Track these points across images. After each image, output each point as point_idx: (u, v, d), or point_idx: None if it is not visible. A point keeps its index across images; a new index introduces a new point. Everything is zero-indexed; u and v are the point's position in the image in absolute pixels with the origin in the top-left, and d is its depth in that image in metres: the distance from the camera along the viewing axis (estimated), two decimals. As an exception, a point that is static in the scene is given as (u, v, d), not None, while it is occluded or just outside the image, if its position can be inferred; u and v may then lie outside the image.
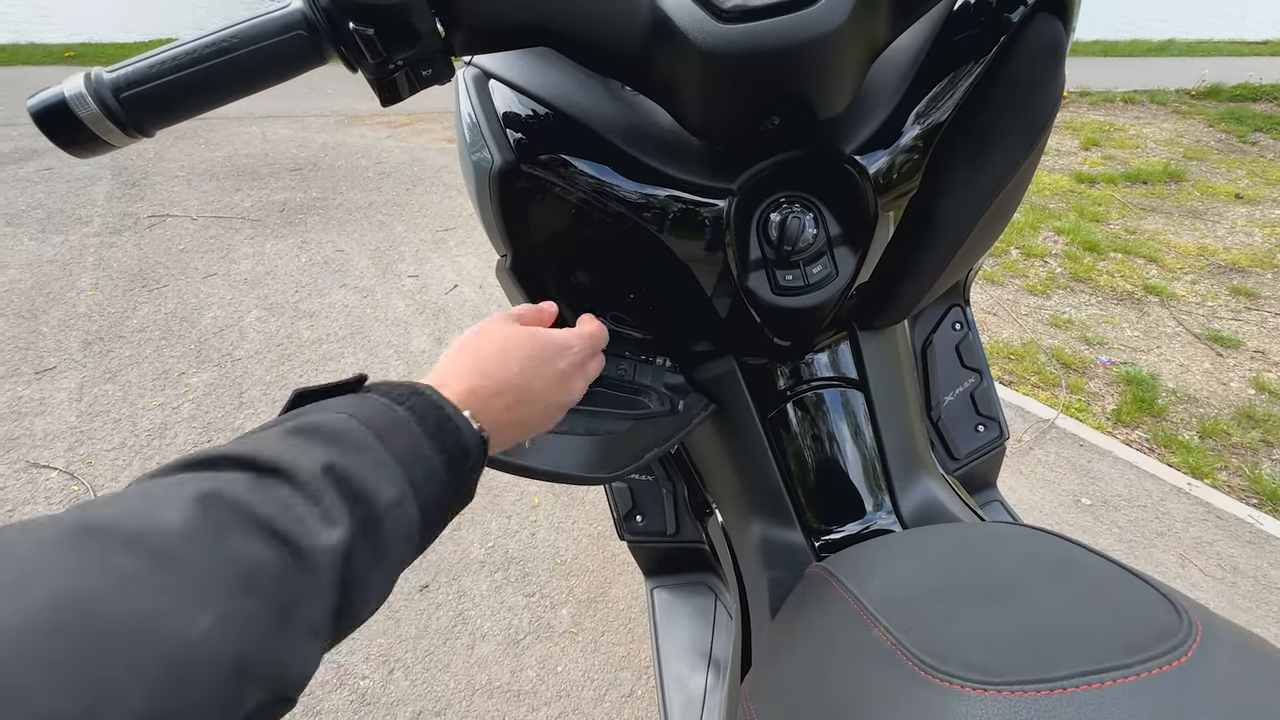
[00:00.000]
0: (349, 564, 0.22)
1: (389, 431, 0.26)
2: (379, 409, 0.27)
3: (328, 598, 0.21)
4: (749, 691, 0.39)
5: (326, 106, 4.51)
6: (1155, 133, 4.25)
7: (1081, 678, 0.23)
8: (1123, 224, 2.93)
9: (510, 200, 0.48)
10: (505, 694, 1.08)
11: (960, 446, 0.76)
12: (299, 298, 2.24)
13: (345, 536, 0.22)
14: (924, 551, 0.38)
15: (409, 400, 0.29)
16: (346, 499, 0.23)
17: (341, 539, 0.22)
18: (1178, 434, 1.69)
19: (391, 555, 0.25)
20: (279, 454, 0.22)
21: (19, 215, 2.75)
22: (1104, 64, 6.44)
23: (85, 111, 0.32)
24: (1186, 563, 1.33)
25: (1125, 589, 0.28)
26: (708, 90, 0.38)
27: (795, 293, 0.47)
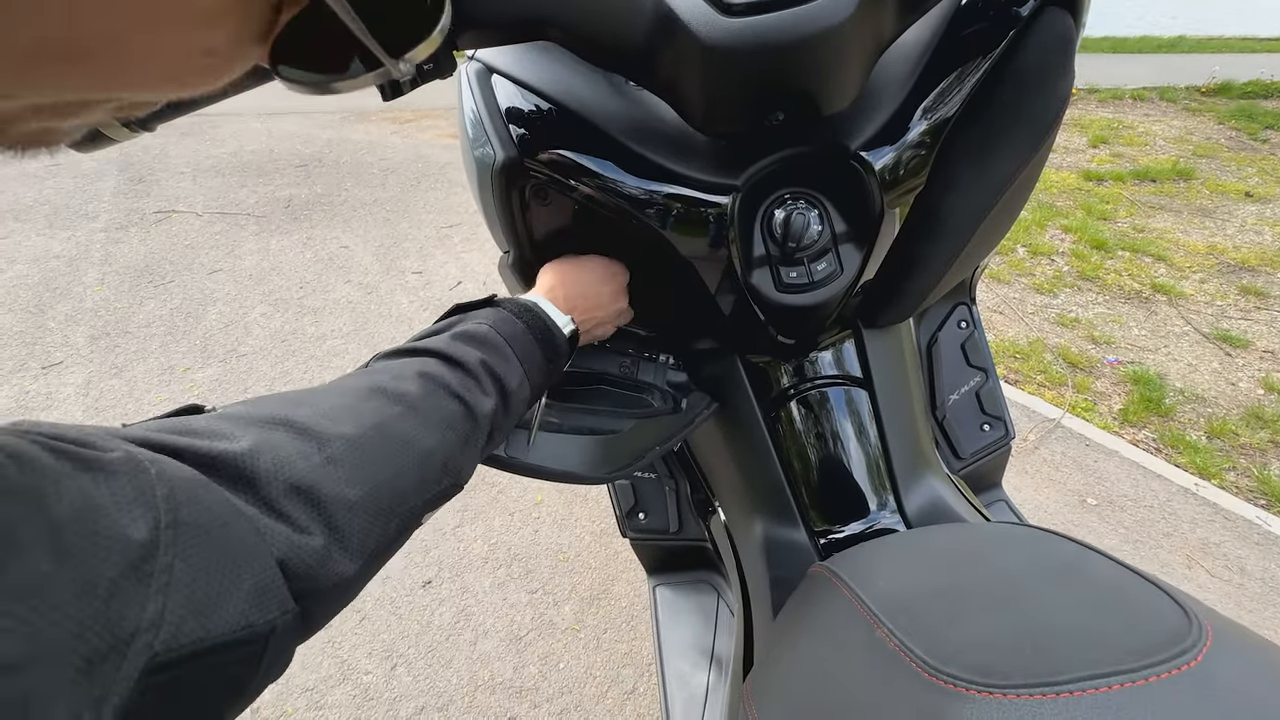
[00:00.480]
0: (494, 419, 0.37)
1: (514, 339, 0.40)
2: (507, 321, 0.41)
3: (483, 436, 0.37)
4: (750, 690, 0.39)
5: (331, 102, 4.52)
6: (1164, 130, 4.21)
7: (1088, 681, 0.22)
8: (1131, 222, 2.90)
9: (513, 196, 0.48)
10: (508, 690, 1.08)
11: (965, 446, 0.75)
12: (303, 294, 2.25)
13: (494, 404, 0.37)
14: (928, 552, 0.37)
15: (525, 316, 0.43)
16: (494, 382, 0.38)
17: (492, 406, 0.37)
18: (1185, 434, 1.68)
19: (512, 416, 0.40)
20: (456, 351, 0.37)
21: (27, 210, 2.76)
22: (1113, 60, 6.38)
23: None
24: (1193, 564, 1.32)
25: (1133, 592, 0.27)
26: (711, 85, 0.38)
27: (799, 290, 0.47)
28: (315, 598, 0.25)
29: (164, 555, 0.20)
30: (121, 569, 0.19)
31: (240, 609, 0.22)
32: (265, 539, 0.24)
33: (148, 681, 0.19)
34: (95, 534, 0.19)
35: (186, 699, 0.20)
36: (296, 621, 0.25)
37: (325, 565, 0.26)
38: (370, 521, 0.28)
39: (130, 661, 0.19)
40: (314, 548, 0.25)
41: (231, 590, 0.22)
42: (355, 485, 0.28)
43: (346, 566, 0.27)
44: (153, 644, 0.19)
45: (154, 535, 0.20)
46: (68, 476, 0.19)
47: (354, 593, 0.29)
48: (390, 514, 0.30)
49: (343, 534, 0.27)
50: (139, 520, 0.20)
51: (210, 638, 0.21)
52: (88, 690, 0.18)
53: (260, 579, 0.23)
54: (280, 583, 0.24)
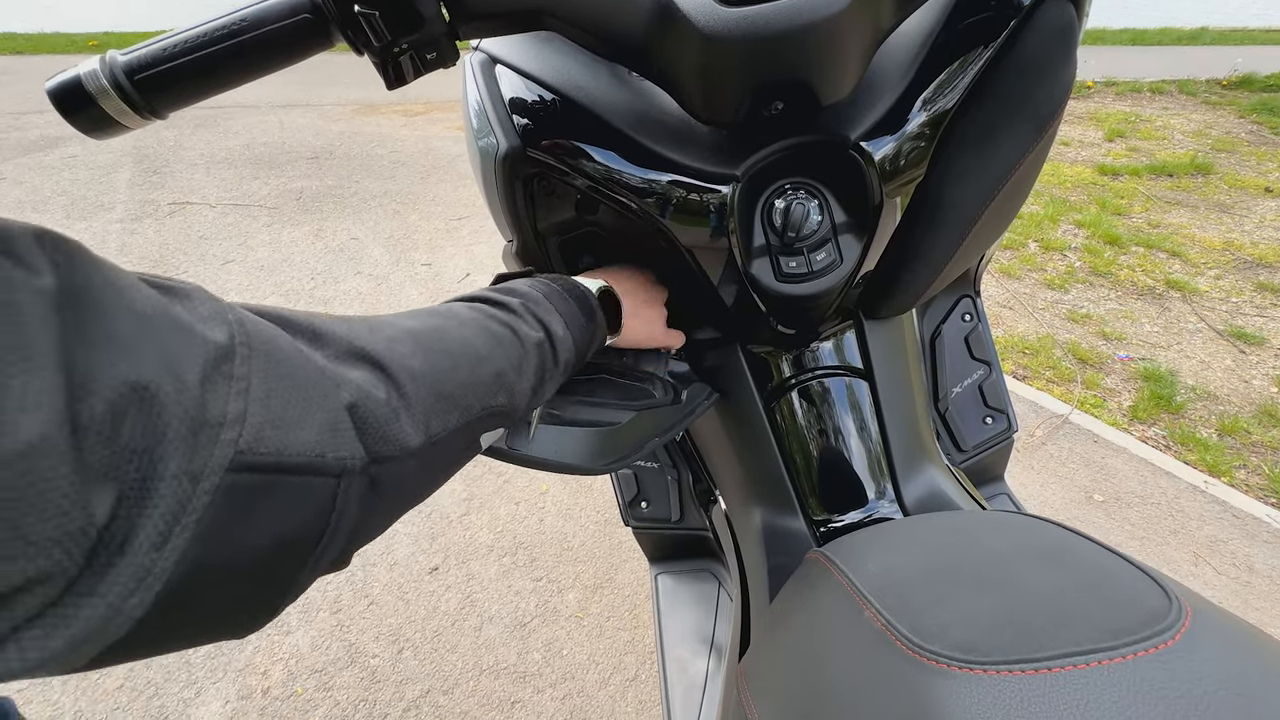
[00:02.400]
0: (542, 354, 0.38)
1: (551, 295, 0.42)
2: (544, 284, 0.43)
3: (532, 368, 0.37)
4: (744, 672, 0.39)
5: (343, 95, 4.54)
6: (1183, 124, 4.14)
7: (1068, 658, 0.23)
8: (1146, 217, 2.86)
9: (516, 185, 0.49)
10: (511, 675, 1.10)
11: (968, 438, 0.75)
12: (314, 285, 2.27)
13: (539, 338, 0.38)
14: (920, 537, 0.38)
15: (560, 281, 0.44)
16: (538, 322, 0.39)
17: (539, 338, 0.38)
18: (1196, 431, 1.66)
19: (561, 365, 0.40)
20: (499, 297, 0.39)
21: (45, 202, 2.81)
22: (1132, 53, 6.27)
23: (100, 93, 0.32)
24: (1200, 561, 1.32)
25: (1118, 574, 0.28)
26: (710, 75, 0.38)
27: (799, 280, 0.47)
28: (382, 462, 0.25)
29: (240, 365, 0.20)
30: (205, 361, 0.19)
31: (313, 436, 0.22)
32: (334, 383, 0.24)
33: (233, 479, 0.19)
34: (178, 327, 0.19)
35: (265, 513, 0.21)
36: (366, 479, 0.25)
37: (391, 423, 0.26)
38: (431, 397, 0.28)
39: (220, 449, 0.19)
40: (380, 400, 0.26)
41: (304, 417, 0.22)
42: (417, 359, 0.29)
43: (411, 433, 0.27)
44: (237, 440, 0.19)
45: (230, 345, 0.21)
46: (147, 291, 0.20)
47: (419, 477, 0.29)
48: (451, 403, 0.30)
49: (407, 397, 0.27)
50: (216, 330, 0.21)
51: (288, 453, 0.21)
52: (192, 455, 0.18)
53: (330, 416, 0.23)
54: (349, 426, 0.24)
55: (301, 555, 0.23)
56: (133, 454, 0.17)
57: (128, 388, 0.17)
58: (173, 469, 0.18)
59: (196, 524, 0.18)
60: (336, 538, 0.24)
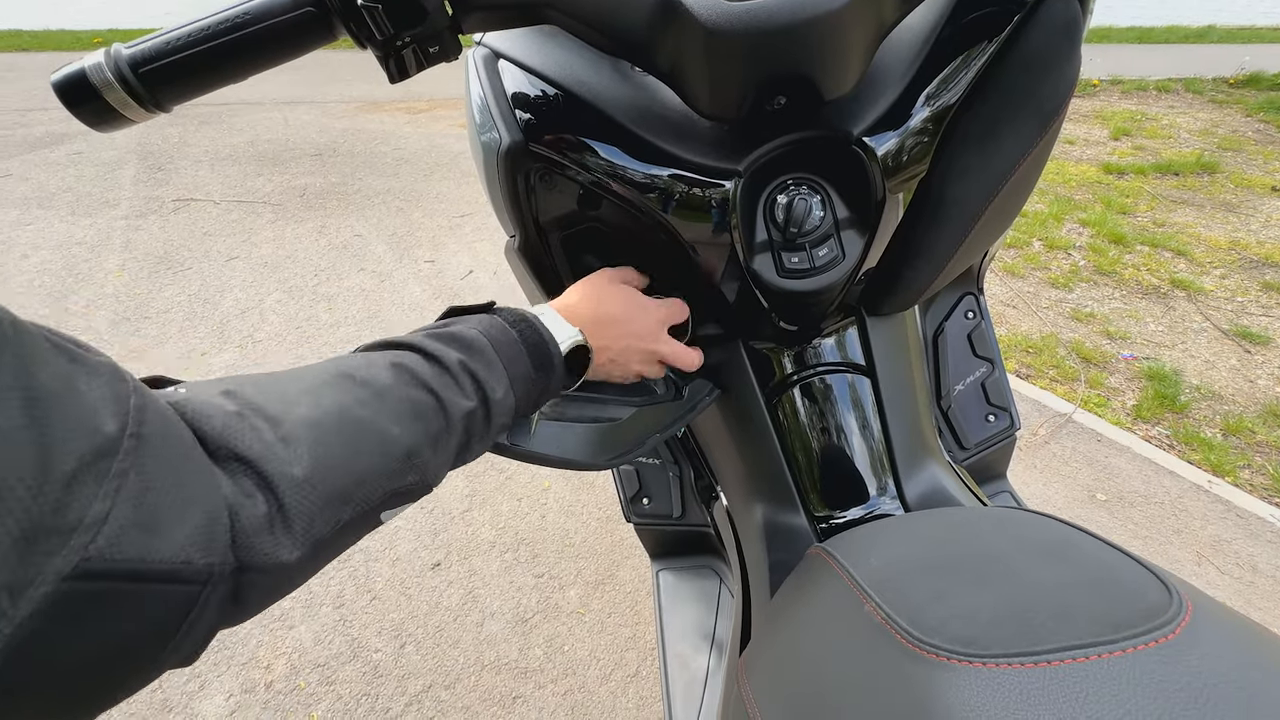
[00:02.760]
0: (471, 423, 0.35)
1: (501, 346, 0.38)
2: (498, 327, 0.39)
3: (456, 440, 0.35)
4: (744, 666, 0.40)
5: (346, 92, 4.54)
6: (1189, 122, 4.11)
7: (1067, 651, 0.23)
8: (1151, 216, 2.85)
9: (518, 180, 0.49)
10: (513, 670, 1.10)
11: (970, 436, 0.75)
12: (318, 281, 2.28)
13: (471, 407, 0.35)
14: (921, 532, 0.38)
15: (519, 325, 0.41)
16: (474, 385, 0.36)
17: (469, 408, 0.35)
18: (1200, 431, 1.65)
19: (494, 425, 0.38)
20: (435, 348, 0.36)
21: (50, 198, 2.82)
22: (1138, 51, 6.24)
23: (105, 86, 0.33)
24: (1203, 560, 1.31)
25: (1119, 569, 0.28)
26: (713, 69, 0.38)
27: (801, 275, 0.47)
28: (252, 571, 0.24)
29: (122, 461, 0.20)
30: (82, 458, 0.19)
31: (182, 542, 0.21)
32: (216, 486, 0.23)
33: (71, 587, 0.18)
34: (68, 415, 0.19)
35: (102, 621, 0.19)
36: (230, 588, 0.24)
37: (264, 537, 0.25)
38: (320, 503, 0.27)
39: (62, 557, 0.18)
40: (257, 514, 0.24)
41: (178, 520, 0.21)
42: (304, 464, 0.27)
43: (288, 550, 0.25)
44: (88, 546, 0.18)
45: (118, 438, 0.20)
46: (55, 358, 0.19)
47: (292, 583, 0.27)
48: (343, 500, 0.28)
49: (287, 512, 0.25)
50: (109, 419, 0.20)
51: (150, 559, 0.20)
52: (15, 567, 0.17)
53: (207, 519, 0.22)
54: (225, 531, 0.23)
55: (140, 663, 0.22)
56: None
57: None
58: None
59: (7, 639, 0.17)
60: (187, 642, 0.23)
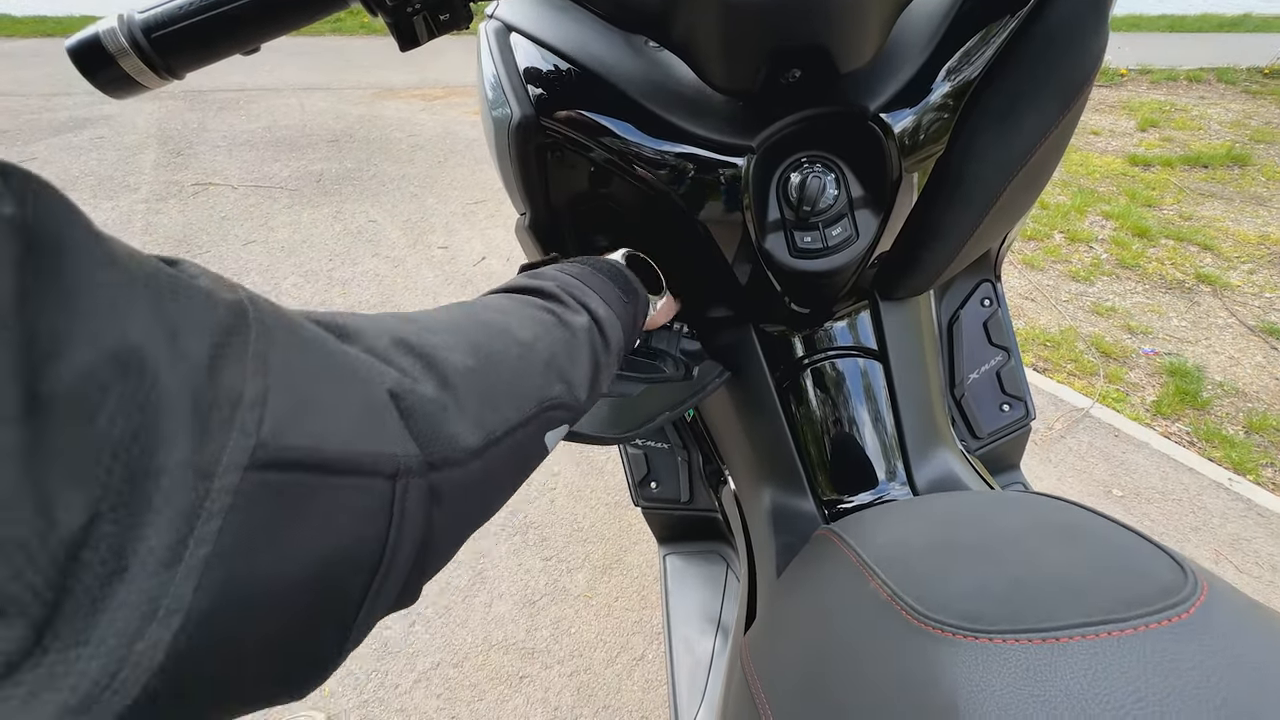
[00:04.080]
0: (592, 339, 0.34)
1: (584, 276, 0.39)
2: (574, 264, 0.40)
3: (585, 356, 0.33)
4: (748, 645, 0.39)
5: (363, 79, 4.55)
6: (1220, 113, 3.99)
7: (1077, 629, 0.23)
8: (1177, 209, 2.78)
9: (529, 156, 0.49)
10: (520, 651, 1.12)
11: (983, 425, 0.74)
12: (333, 266, 2.30)
13: (584, 321, 0.34)
14: (929, 514, 0.37)
15: (589, 261, 0.42)
16: (578, 303, 0.35)
17: (584, 322, 0.34)
18: (1222, 428, 1.62)
19: (612, 344, 0.37)
20: (531, 283, 0.36)
21: (73, 182, 2.86)
22: (1169, 39, 6.05)
23: (120, 53, 0.33)
24: (1221, 559, 1.29)
25: (1133, 550, 0.27)
26: (728, 39, 0.37)
27: (813, 255, 0.47)
28: (440, 467, 0.21)
29: (257, 341, 0.16)
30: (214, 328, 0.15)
31: (353, 427, 0.18)
32: (371, 370, 0.20)
33: (259, 478, 0.15)
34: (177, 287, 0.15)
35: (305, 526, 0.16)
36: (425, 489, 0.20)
37: (443, 420, 0.21)
38: (486, 393, 0.24)
39: (238, 436, 0.15)
40: (427, 395, 0.21)
41: (339, 404, 0.18)
42: (460, 351, 0.24)
43: (467, 432, 0.22)
44: (259, 426, 0.15)
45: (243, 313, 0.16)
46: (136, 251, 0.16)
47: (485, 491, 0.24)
48: (503, 396, 0.26)
49: (458, 394, 0.23)
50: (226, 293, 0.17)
51: (328, 444, 0.17)
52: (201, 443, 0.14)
53: (372, 403, 0.19)
54: (395, 417, 0.20)
55: (359, 584, 0.18)
56: (118, 442, 0.12)
57: (108, 354, 0.13)
58: (176, 459, 0.13)
59: (218, 535, 0.14)
60: (399, 560, 0.19)
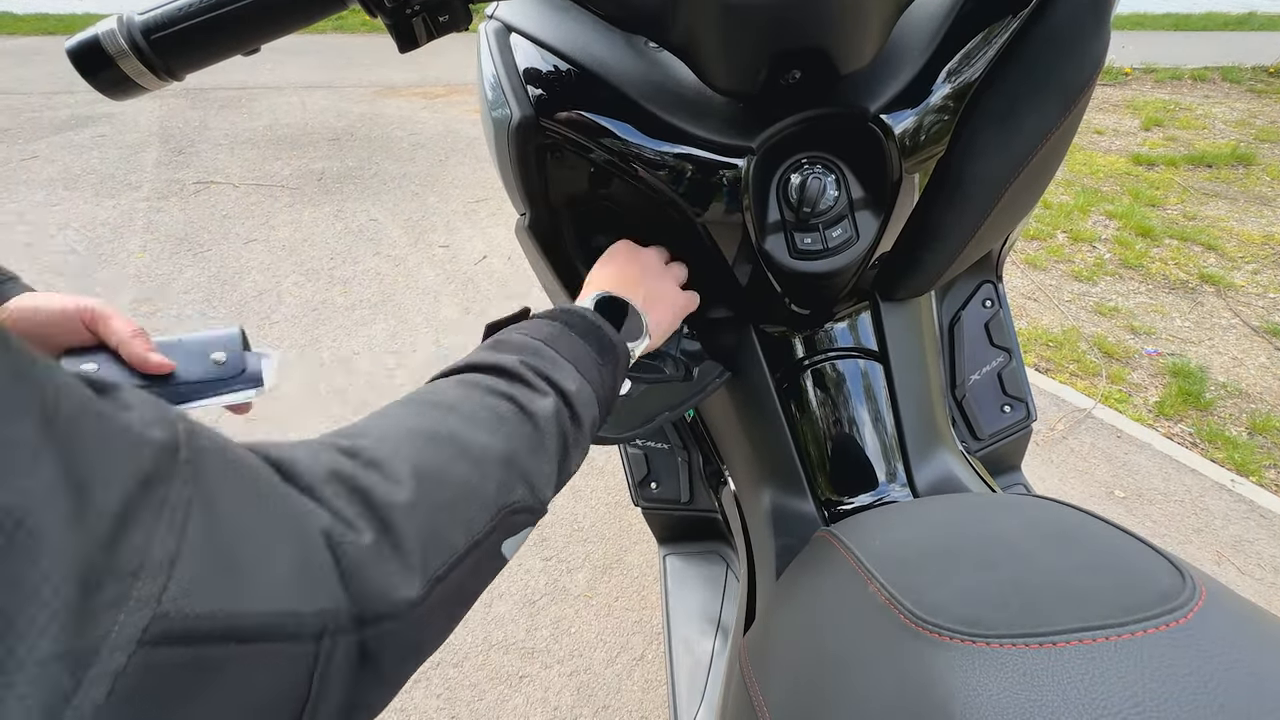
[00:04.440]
0: (560, 422, 0.32)
1: (552, 340, 0.35)
2: (540, 325, 0.37)
3: (553, 444, 0.31)
4: (747, 646, 0.39)
5: (364, 78, 4.55)
6: (1225, 113, 3.97)
7: (1074, 634, 0.22)
8: (1181, 209, 2.77)
9: (528, 156, 0.48)
10: (520, 651, 1.12)
11: (985, 426, 0.74)
12: (334, 265, 2.30)
13: (551, 405, 0.31)
14: (929, 517, 0.37)
15: (560, 316, 0.38)
16: (544, 382, 0.32)
17: (550, 406, 0.31)
18: (1225, 429, 1.61)
19: (583, 424, 0.34)
20: (490, 359, 0.33)
21: (75, 180, 2.87)
22: (1174, 38, 6.03)
23: (119, 55, 0.33)
24: (1223, 560, 1.28)
25: (1131, 554, 0.27)
26: (727, 41, 0.37)
27: (813, 257, 0.47)
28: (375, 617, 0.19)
29: (180, 488, 0.15)
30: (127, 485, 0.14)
31: (278, 584, 0.16)
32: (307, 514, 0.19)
33: (152, 655, 0.13)
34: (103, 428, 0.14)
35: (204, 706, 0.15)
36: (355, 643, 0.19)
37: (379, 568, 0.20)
38: (430, 526, 0.23)
39: (132, 608, 0.13)
40: (364, 544, 0.20)
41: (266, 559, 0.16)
42: (406, 482, 0.23)
43: (406, 581, 0.21)
44: (160, 595, 0.14)
45: (170, 459, 0.15)
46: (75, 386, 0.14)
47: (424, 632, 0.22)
48: (453, 521, 0.24)
49: (397, 536, 0.21)
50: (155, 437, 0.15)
51: (242, 610, 0.15)
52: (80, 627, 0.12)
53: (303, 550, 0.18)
54: (329, 564, 0.18)
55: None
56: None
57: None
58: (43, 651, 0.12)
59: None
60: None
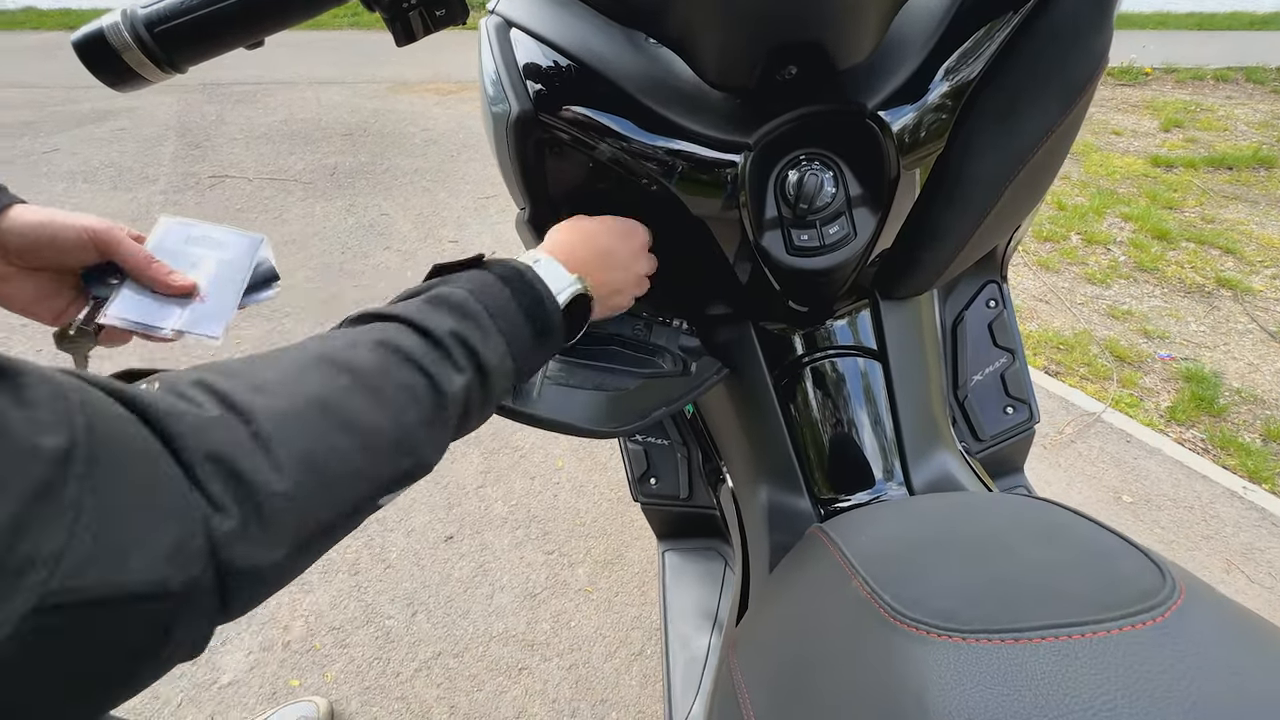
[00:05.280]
0: (468, 397, 0.33)
1: (496, 309, 0.35)
2: (490, 287, 0.36)
3: (453, 417, 0.32)
4: (735, 640, 0.40)
5: (378, 73, 4.58)
6: (1248, 114, 3.90)
7: (1048, 630, 0.22)
8: (1200, 212, 2.72)
9: (527, 151, 0.49)
10: (520, 643, 1.13)
11: (986, 428, 0.74)
12: (344, 259, 2.32)
13: (465, 381, 0.33)
14: (916, 514, 0.37)
15: (514, 281, 0.38)
16: (469, 356, 0.33)
17: (464, 383, 0.33)
18: (1238, 435, 1.59)
19: (493, 395, 0.35)
20: (425, 318, 0.33)
21: (94, 173, 2.92)
22: (1197, 38, 5.92)
23: (123, 47, 0.33)
24: (1232, 568, 1.27)
25: (1113, 553, 0.27)
26: (723, 35, 0.37)
27: (810, 253, 0.47)
28: (233, 576, 0.23)
29: (72, 489, 0.18)
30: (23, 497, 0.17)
31: (155, 562, 0.20)
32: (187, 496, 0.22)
33: (35, 622, 0.17)
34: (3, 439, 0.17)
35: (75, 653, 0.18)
36: (213, 597, 0.23)
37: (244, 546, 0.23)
38: (300, 511, 0.25)
39: (20, 598, 0.17)
40: (227, 530, 0.23)
41: (148, 540, 0.20)
42: (283, 470, 0.25)
43: (265, 555, 0.24)
44: (46, 582, 0.17)
45: (63, 465, 0.18)
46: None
47: (282, 579, 0.26)
48: (327, 502, 0.26)
49: (265, 520, 0.24)
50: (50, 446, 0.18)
51: (117, 585, 0.19)
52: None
53: (180, 534, 0.21)
54: (202, 545, 0.22)
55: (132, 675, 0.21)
56: None
57: None
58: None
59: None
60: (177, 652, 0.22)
